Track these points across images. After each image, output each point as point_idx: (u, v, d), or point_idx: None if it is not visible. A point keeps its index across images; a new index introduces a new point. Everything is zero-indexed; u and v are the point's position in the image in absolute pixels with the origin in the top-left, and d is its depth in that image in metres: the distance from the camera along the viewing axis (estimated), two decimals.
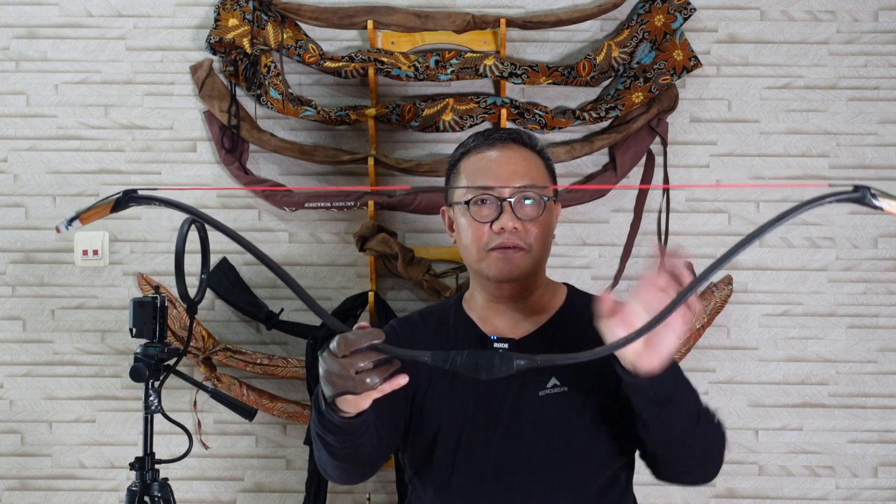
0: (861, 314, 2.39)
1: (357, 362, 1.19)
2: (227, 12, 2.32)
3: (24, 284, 2.41)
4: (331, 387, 1.24)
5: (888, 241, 2.39)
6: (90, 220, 1.16)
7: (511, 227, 1.51)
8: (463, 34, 2.36)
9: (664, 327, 1.18)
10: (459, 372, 1.18)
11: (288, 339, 2.38)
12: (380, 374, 1.20)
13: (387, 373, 1.21)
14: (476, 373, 1.17)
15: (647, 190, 2.38)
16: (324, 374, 1.24)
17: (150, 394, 1.84)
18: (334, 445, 1.38)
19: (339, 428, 1.32)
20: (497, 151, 1.57)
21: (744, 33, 2.40)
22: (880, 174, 2.39)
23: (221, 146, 2.36)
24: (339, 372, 1.21)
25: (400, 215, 2.38)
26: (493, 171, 1.55)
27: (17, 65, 2.41)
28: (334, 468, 1.47)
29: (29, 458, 2.40)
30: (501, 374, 1.17)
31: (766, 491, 2.39)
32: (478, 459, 1.53)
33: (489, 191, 1.53)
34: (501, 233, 1.51)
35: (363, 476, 1.55)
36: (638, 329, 1.16)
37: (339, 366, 1.20)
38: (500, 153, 1.57)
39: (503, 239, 1.51)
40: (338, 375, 1.21)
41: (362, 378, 1.20)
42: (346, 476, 1.52)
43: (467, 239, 1.55)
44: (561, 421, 1.51)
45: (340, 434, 1.34)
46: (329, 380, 1.23)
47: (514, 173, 1.54)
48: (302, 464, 2.37)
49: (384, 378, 1.21)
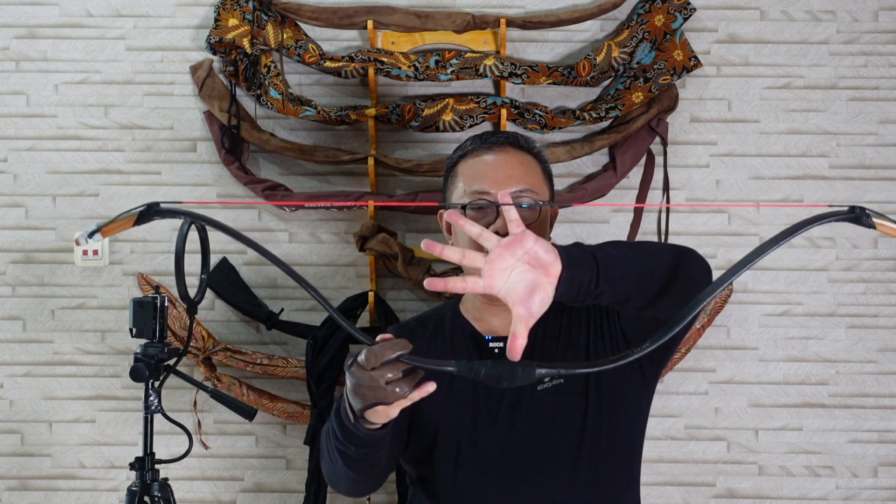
0: (861, 314, 2.39)
1: (386, 373, 1.21)
2: (227, 12, 2.32)
3: (24, 284, 2.41)
4: (360, 399, 1.25)
5: (888, 242, 2.39)
6: (111, 233, 1.15)
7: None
8: (463, 34, 2.36)
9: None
10: (482, 382, 1.18)
11: (288, 339, 2.38)
12: (409, 384, 1.23)
13: (415, 381, 1.23)
14: (499, 382, 1.18)
15: (647, 190, 2.38)
16: (352, 387, 1.25)
17: (150, 394, 1.84)
18: (356, 458, 1.38)
19: (365, 440, 1.33)
20: (494, 155, 1.58)
21: (744, 33, 2.40)
22: (880, 174, 2.39)
23: (221, 146, 2.36)
24: (370, 384, 1.22)
25: (400, 215, 2.38)
26: (489, 176, 1.55)
27: (17, 65, 2.41)
28: (349, 481, 1.47)
29: (29, 458, 2.40)
30: (523, 382, 1.17)
31: (766, 491, 2.39)
32: (480, 457, 1.53)
33: (485, 196, 1.53)
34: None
35: (373, 488, 1.57)
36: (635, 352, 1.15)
37: (369, 378, 1.21)
38: (497, 157, 1.57)
39: None
40: (368, 387, 1.22)
41: (392, 388, 1.22)
42: (359, 488, 1.53)
43: (464, 244, 1.55)
44: (560, 413, 1.52)
45: (364, 447, 1.35)
46: (359, 392, 1.24)
47: (511, 177, 1.55)
48: (302, 464, 2.37)
49: (413, 386, 1.23)
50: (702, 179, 2.40)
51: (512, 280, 1.12)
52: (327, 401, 2.25)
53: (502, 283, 1.12)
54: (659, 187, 2.39)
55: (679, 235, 2.38)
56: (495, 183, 1.54)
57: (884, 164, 2.39)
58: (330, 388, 2.25)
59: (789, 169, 2.40)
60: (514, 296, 1.12)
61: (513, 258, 1.12)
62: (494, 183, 1.54)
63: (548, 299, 1.14)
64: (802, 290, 2.39)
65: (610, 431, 1.53)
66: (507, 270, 1.12)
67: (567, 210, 2.34)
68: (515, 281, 1.12)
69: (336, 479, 1.49)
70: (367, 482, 1.52)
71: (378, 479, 1.55)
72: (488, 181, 1.54)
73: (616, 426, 1.54)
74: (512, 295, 1.12)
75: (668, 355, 1.62)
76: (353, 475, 1.44)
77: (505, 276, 1.12)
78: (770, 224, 2.39)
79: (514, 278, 1.12)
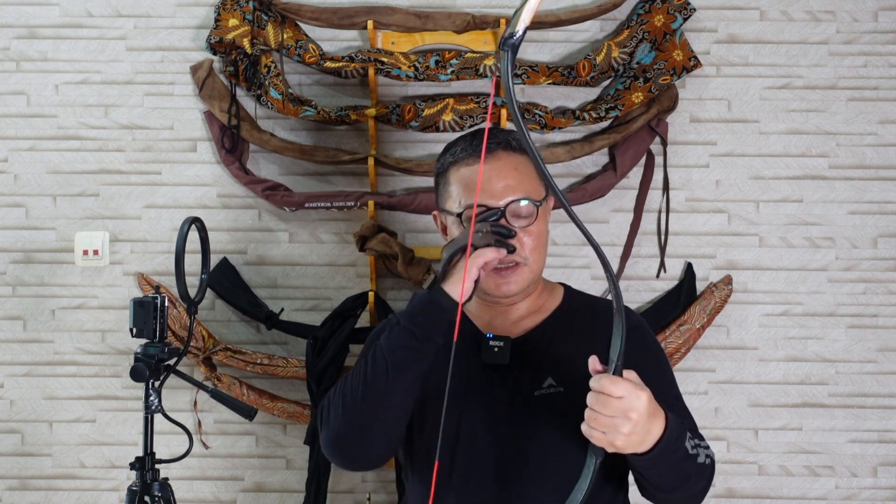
0: (861, 314, 2.39)
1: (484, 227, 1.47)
2: (228, 12, 2.32)
3: (24, 284, 2.41)
4: (451, 247, 1.48)
5: (888, 241, 2.39)
6: None
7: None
8: (463, 34, 2.36)
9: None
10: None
11: (288, 339, 2.38)
12: (489, 245, 1.45)
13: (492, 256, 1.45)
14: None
15: (647, 190, 2.38)
16: (457, 237, 1.51)
17: (151, 394, 1.85)
18: (400, 366, 1.45)
19: (439, 316, 1.45)
20: (487, 164, 1.55)
21: (744, 33, 2.40)
22: (880, 174, 2.39)
23: (222, 146, 2.36)
24: (475, 231, 1.45)
25: (400, 215, 2.38)
26: (484, 189, 1.53)
27: (18, 65, 2.41)
28: (376, 403, 1.47)
29: (29, 458, 2.41)
30: None
31: (765, 491, 2.39)
32: (474, 460, 1.53)
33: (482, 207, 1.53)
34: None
35: (369, 455, 1.52)
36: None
37: (478, 227, 1.46)
38: (490, 167, 1.54)
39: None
40: (469, 234, 1.44)
41: (483, 238, 1.46)
42: (359, 441, 1.49)
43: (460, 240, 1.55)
44: (556, 421, 1.51)
45: (433, 327, 1.45)
46: (458, 243, 1.47)
47: (507, 187, 1.53)
48: (302, 464, 2.38)
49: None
50: (702, 179, 2.40)
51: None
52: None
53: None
54: (659, 187, 2.39)
55: (679, 235, 2.39)
56: (491, 196, 1.53)
57: (883, 164, 2.39)
58: (330, 388, 2.25)
59: (789, 169, 2.40)
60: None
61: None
62: (491, 196, 1.53)
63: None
64: (802, 290, 2.40)
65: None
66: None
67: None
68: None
69: (347, 416, 1.48)
70: (370, 437, 1.49)
71: (376, 447, 1.51)
72: (485, 194, 1.53)
73: None
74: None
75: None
76: (390, 388, 1.46)
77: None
78: (770, 224, 2.39)
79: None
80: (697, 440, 1.42)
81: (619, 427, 1.25)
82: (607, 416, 1.25)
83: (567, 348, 1.56)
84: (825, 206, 2.39)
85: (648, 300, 2.39)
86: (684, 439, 1.36)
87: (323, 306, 2.39)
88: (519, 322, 1.60)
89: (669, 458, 1.34)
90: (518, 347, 1.56)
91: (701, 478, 1.43)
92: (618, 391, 1.24)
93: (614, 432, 1.25)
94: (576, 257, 2.40)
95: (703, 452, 1.42)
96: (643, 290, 2.39)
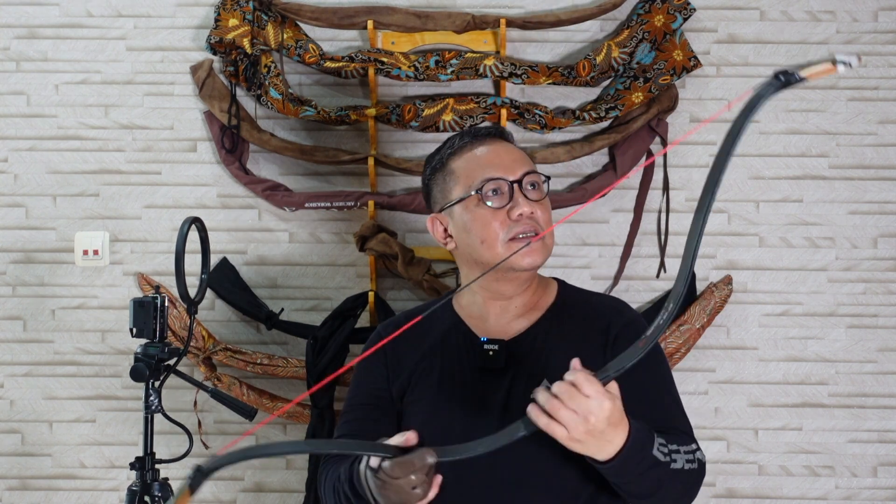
0: (861, 314, 2.39)
1: (414, 482, 1.27)
2: (228, 12, 2.32)
3: (24, 284, 2.41)
4: (385, 500, 1.31)
5: (888, 241, 2.39)
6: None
7: (528, 213, 1.53)
8: (463, 34, 2.36)
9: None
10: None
11: (288, 339, 2.38)
12: (430, 483, 1.30)
13: (433, 478, 1.31)
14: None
15: (647, 190, 2.38)
16: (377, 487, 1.31)
17: (151, 394, 1.85)
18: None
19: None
20: (491, 146, 1.59)
21: (744, 33, 2.40)
22: (880, 174, 2.39)
23: (222, 146, 2.36)
24: (396, 490, 1.29)
25: (400, 215, 2.38)
26: (496, 163, 1.56)
27: (18, 65, 2.41)
28: None
29: (29, 458, 2.41)
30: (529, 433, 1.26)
31: (765, 491, 2.39)
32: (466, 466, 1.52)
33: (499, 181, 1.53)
34: (520, 220, 1.52)
35: None
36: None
37: (397, 485, 1.28)
38: (495, 147, 1.59)
39: (522, 227, 1.52)
40: (394, 492, 1.29)
41: (417, 492, 1.29)
42: None
43: (484, 232, 1.54)
44: None
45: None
46: (384, 494, 1.31)
47: (516, 161, 1.57)
48: (302, 464, 2.37)
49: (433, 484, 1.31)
50: (701, 179, 2.39)
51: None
52: (327, 401, 2.25)
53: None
54: (659, 187, 2.39)
55: (679, 235, 2.38)
56: (505, 169, 1.55)
57: (883, 164, 2.39)
58: (330, 388, 2.25)
59: (789, 169, 2.40)
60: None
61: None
62: (504, 169, 1.55)
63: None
64: (802, 290, 2.40)
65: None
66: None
67: (567, 210, 2.33)
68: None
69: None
70: None
71: None
72: (499, 168, 1.55)
73: None
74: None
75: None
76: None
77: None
78: (770, 224, 2.39)
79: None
80: (677, 445, 1.41)
81: (573, 425, 1.24)
82: (568, 409, 1.24)
83: (561, 349, 1.55)
84: (825, 206, 2.39)
85: (648, 300, 2.39)
86: (651, 448, 1.34)
87: (323, 306, 2.39)
88: (513, 322, 1.60)
89: (635, 468, 1.33)
90: (512, 349, 1.56)
91: (678, 483, 1.41)
92: (588, 390, 1.23)
93: (564, 427, 1.25)
94: (576, 257, 2.40)
95: (682, 458, 1.41)
96: (643, 290, 2.39)
